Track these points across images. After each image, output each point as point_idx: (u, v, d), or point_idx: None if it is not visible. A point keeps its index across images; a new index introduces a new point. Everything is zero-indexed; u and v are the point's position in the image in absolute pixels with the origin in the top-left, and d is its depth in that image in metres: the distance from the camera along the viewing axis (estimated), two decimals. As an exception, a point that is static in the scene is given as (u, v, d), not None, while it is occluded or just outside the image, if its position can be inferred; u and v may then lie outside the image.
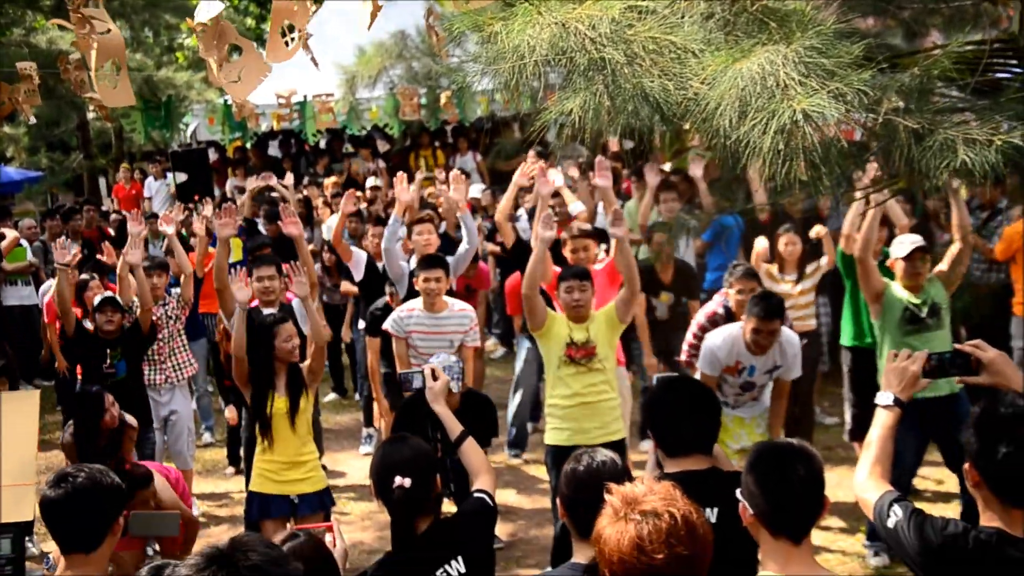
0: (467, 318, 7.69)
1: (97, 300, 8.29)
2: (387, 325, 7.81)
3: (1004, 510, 3.17)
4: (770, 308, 6.69)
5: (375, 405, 8.84)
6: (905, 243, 7.11)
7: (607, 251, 8.40)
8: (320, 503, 6.66)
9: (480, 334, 8.35)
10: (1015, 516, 3.16)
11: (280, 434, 6.54)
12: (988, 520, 3.22)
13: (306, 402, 6.60)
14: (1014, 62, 5.52)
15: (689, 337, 7.85)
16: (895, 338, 6.99)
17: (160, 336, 8.66)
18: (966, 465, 3.25)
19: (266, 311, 7.63)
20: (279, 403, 6.54)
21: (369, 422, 9.78)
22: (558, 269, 8.11)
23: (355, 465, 9.27)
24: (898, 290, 7.13)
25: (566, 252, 8.20)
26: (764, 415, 7.16)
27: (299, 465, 6.60)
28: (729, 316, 7.60)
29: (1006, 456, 3.11)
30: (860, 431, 8.10)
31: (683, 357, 7.92)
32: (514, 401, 9.49)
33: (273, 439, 6.53)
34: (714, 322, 7.62)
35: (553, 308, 7.20)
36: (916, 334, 6.97)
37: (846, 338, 8.44)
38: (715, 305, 7.85)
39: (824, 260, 8.93)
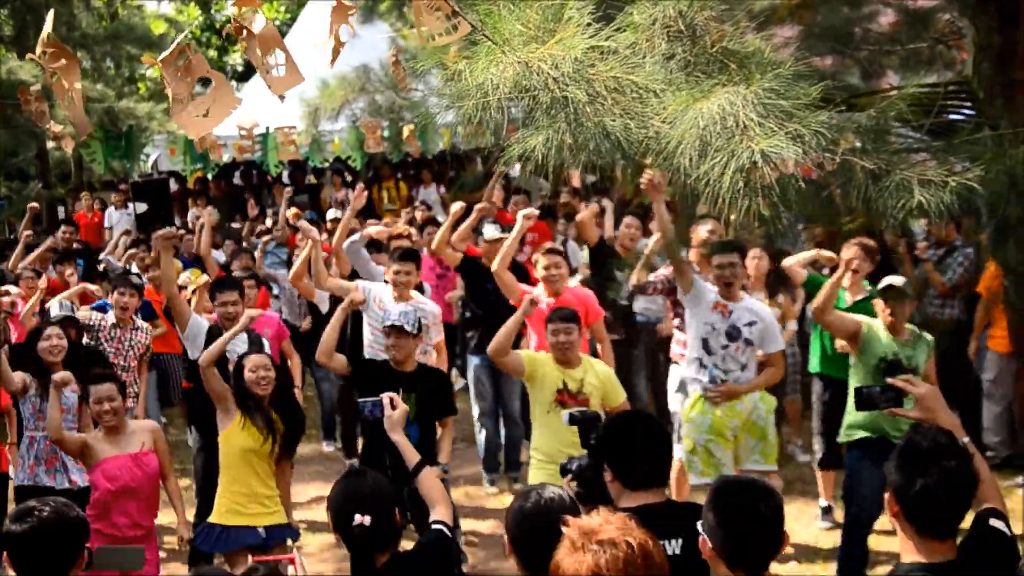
0: (431, 313, 8.00)
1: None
2: (357, 283, 8.05)
3: (922, 541, 3.25)
4: (725, 244, 7.21)
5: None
6: (885, 281, 7.01)
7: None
8: (287, 535, 6.60)
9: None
10: (933, 547, 3.24)
11: (256, 464, 6.46)
12: (907, 552, 3.29)
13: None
14: (967, 105, 5.64)
15: (659, 272, 8.19)
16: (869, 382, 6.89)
17: (127, 364, 8.56)
18: (887, 496, 3.32)
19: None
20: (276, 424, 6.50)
21: (350, 454, 9.77)
22: (527, 288, 8.17)
23: (315, 495, 9.21)
24: (881, 331, 6.89)
25: (537, 272, 8.30)
26: (764, 398, 7.25)
27: (265, 499, 6.52)
28: None
29: (923, 488, 3.17)
30: (829, 461, 8.16)
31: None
32: (482, 432, 9.44)
33: (247, 465, 6.42)
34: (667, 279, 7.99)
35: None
36: None
37: (814, 364, 8.38)
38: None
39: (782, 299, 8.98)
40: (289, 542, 6.51)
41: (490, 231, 9.66)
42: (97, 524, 6.09)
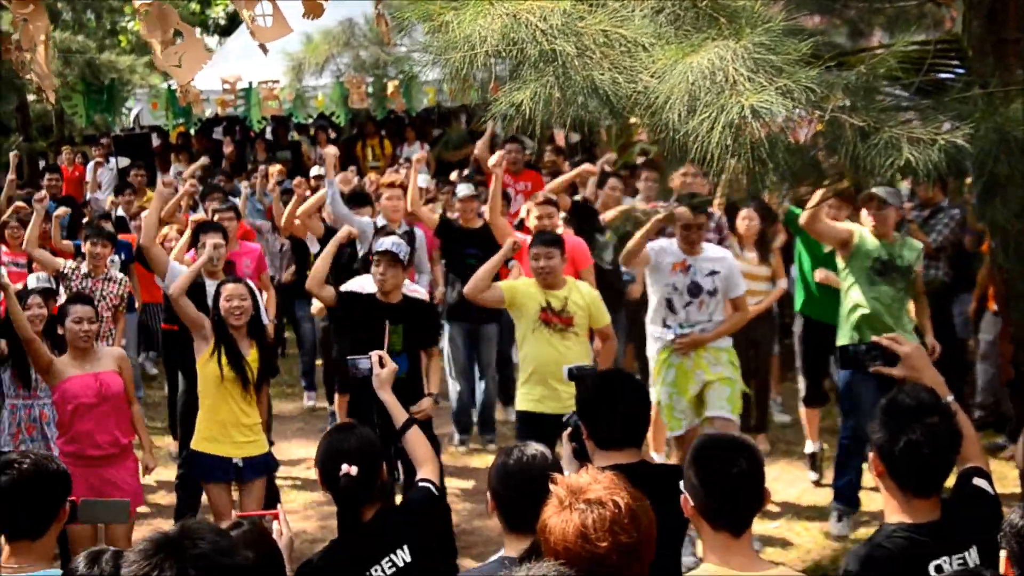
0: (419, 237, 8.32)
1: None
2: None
3: (906, 500, 3.25)
4: (696, 205, 7.24)
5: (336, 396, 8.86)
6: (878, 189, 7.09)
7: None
8: (265, 466, 6.64)
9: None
10: (916, 506, 3.24)
11: (232, 392, 6.47)
12: (891, 512, 3.30)
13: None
14: (956, 63, 5.61)
15: None
16: (863, 286, 6.98)
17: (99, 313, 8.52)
18: (871, 455, 3.32)
19: (210, 282, 7.44)
20: (250, 360, 6.48)
21: (332, 400, 9.74)
22: (524, 238, 8.18)
23: (298, 454, 9.21)
24: (869, 238, 7.06)
25: (530, 222, 8.34)
26: (726, 354, 7.25)
27: (245, 428, 6.53)
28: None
29: (907, 445, 3.18)
30: (814, 398, 8.24)
31: None
32: (455, 388, 9.45)
33: (232, 392, 6.44)
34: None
35: None
36: (885, 284, 6.97)
37: (798, 303, 8.45)
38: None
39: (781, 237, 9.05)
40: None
41: (464, 189, 9.65)
42: (68, 447, 6.28)
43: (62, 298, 7.94)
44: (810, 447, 8.32)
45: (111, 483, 6.31)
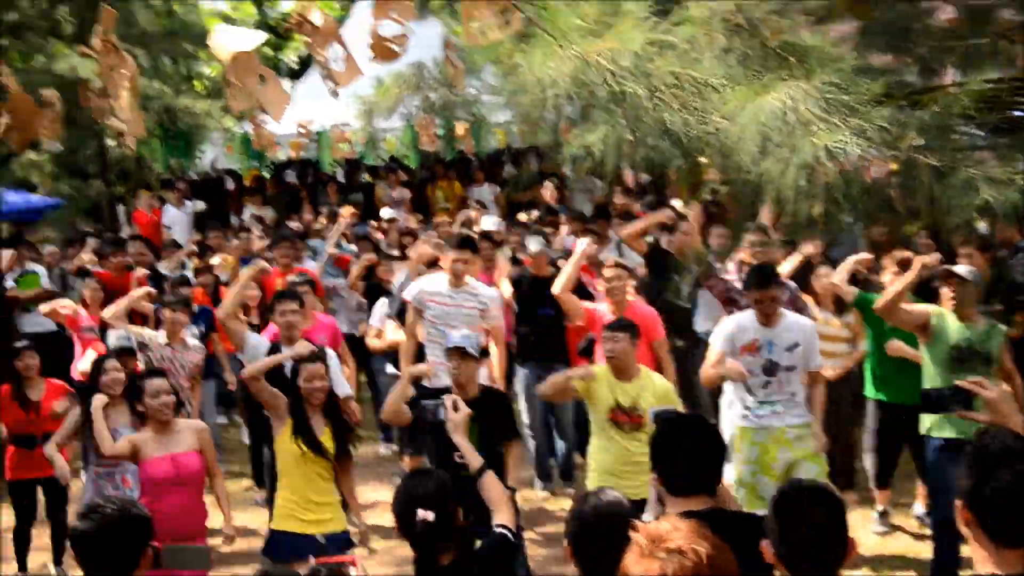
0: (490, 297, 8.06)
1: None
2: (407, 295, 8.17)
3: (996, 551, 3.13)
4: (762, 275, 6.86)
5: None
6: (959, 268, 6.82)
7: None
8: (348, 542, 6.55)
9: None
10: (1007, 557, 3.12)
11: (311, 470, 6.46)
12: (981, 563, 3.18)
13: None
14: (1033, 101, 5.53)
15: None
16: (943, 373, 6.63)
17: (178, 383, 8.53)
18: (958, 503, 3.21)
19: (287, 349, 7.36)
20: (324, 438, 6.44)
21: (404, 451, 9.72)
22: (589, 306, 8.13)
23: (371, 497, 9.21)
24: (950, 320, 6.72)
25: (600, 285, 8.30)
26: (807, 428, 6.89)
27: (324, 506, 6.50)
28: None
29: (994, 492, 3.07)
30: (884, 480, 8.04)
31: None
32: (531, 438, 9.37)
33: (309, 468, 6.43)
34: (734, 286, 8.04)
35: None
36: (967, 371, 6.63)
37: (869, 389, 8.13)
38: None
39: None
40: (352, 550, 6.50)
41: (534, 244, 9.54)
42: None
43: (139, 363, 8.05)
44: (880, 508, 8.14)
45: None
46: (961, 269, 6.77)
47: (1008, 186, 3.73)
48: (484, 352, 6.94)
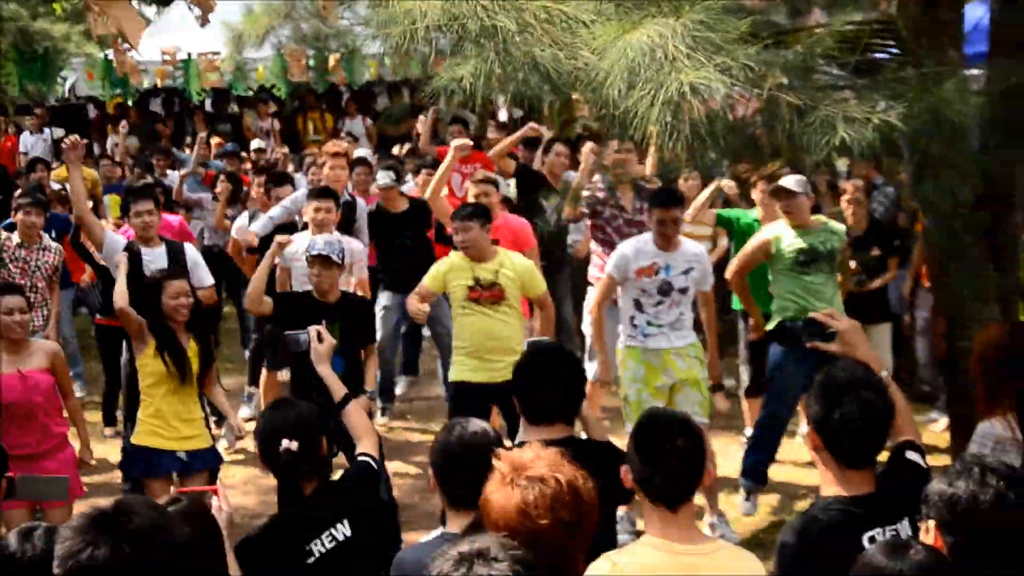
0: (355, 251, 7.89)
1: None
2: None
3: (841, 473, 3.32)
4: (668, 196, 6.93)
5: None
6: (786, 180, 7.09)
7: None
8: (212, 459, 6.55)
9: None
10: (852, 478, 3.31)
11: (174, 388, 6.38)
12: (827, 484, 3.36)
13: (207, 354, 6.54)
14: (892, 43, 5.68)
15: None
16: (789, 282, 7.01)
17: (34, 284, 8.39)
18: (807, 429, 3.39)
19: (146, 250, 7.40)
20: (189, 353, 6.38)
21: (254, 381, 9.62)
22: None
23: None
24: (786, 233, 7.08)
25: (470, 198, 8.29)
26: (694, 348, 7.03)
27: (188, 422, 6.46)
28: (611, 191, 8.08)
29: (842, 418, 3.25)
30: (755, 390, 8.25)
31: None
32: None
33: (174, 388, 6.36)
34: (600, 193, 8.11)
35: None
36: (812, 274, 6.97)
37: (736, 302, 8.37)
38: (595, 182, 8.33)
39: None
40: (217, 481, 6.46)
41: (383, 178, 9.37)
42: None
43: None
44: (749, 432, 8.40)
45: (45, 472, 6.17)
46: (788, 180, 7.02)
47: (865, 125, 3.84)
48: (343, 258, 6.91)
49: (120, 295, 6.49)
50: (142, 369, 6.42)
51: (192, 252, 7.79)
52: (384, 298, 9.23)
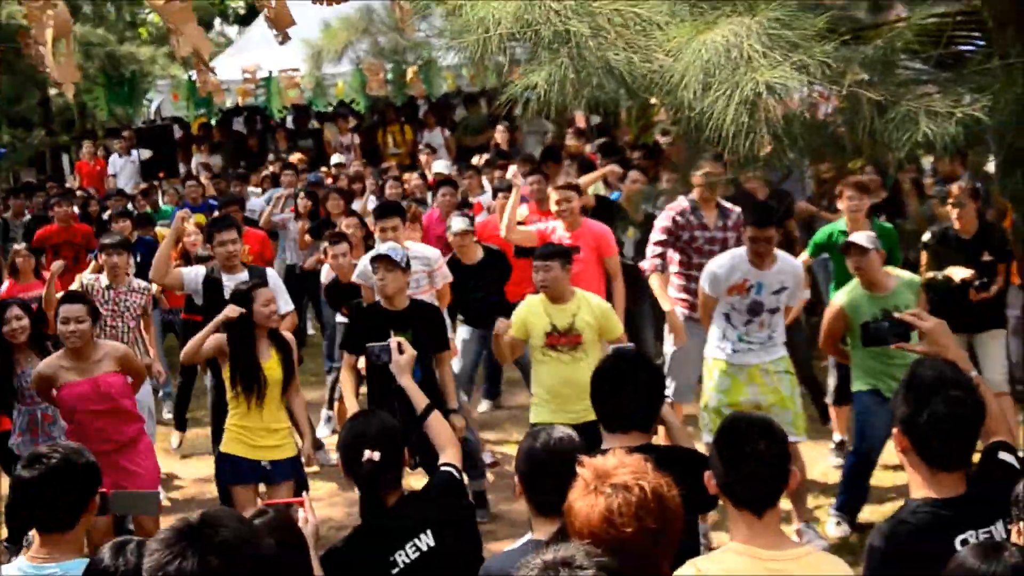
0: (431, 258, 7.88)
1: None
2: (356, 276, 7.96)
3: (931, 475, 3.23)
4: (762, 215, 6.71)
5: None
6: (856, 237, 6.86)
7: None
8: (293, 470, 6.59)
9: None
10: (942, 480, 3.22)
11: (261, 400, 6.45)
12: (917, 487, 3.27)
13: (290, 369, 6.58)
14: (976, 35, 5.55)
15: (653, 239, 7.86)
16: (863, 354, 6.77)
17: (125, 324, 8.51)
18: (894, 431, 3.29)
19: (227, 276, 7.47)
20: (270, 367, 6.43)
21: (332, 404, 9.69)
22: (541, 226, 8.18)
23: (322, 440, 9.22)
24: (860, 298, 6.78)
25: (552, 207, 8.34)
26: (783, 363, 6.86)
27: (273, 432, 6.51)
28: (695, 210, 7.73)
29: (930, 418, 3.15)
30: (842, 396, 8.09)
31: (646, 262, 7.86)
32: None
33: (255, 403, 6.42)
34: (679, 215, 7.74)
35: None
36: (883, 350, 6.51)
37: (832, 294, 8.13)
38: (679, 203, 7.90)
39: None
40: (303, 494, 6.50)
41: (458, 223, 8.91)
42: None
43: None
44: (837, 437, 8.26)
45: (125, 470, 6.33)
46: (859, 237, 6.80)
47: (949, 119, 3.75)
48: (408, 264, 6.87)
49: (192, 349, 6.61)
50: (226, 381, 6.51)
51: (273, 277, 7.81)
52: (464, 331, 9.15)
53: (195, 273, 7.71)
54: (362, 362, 6.52)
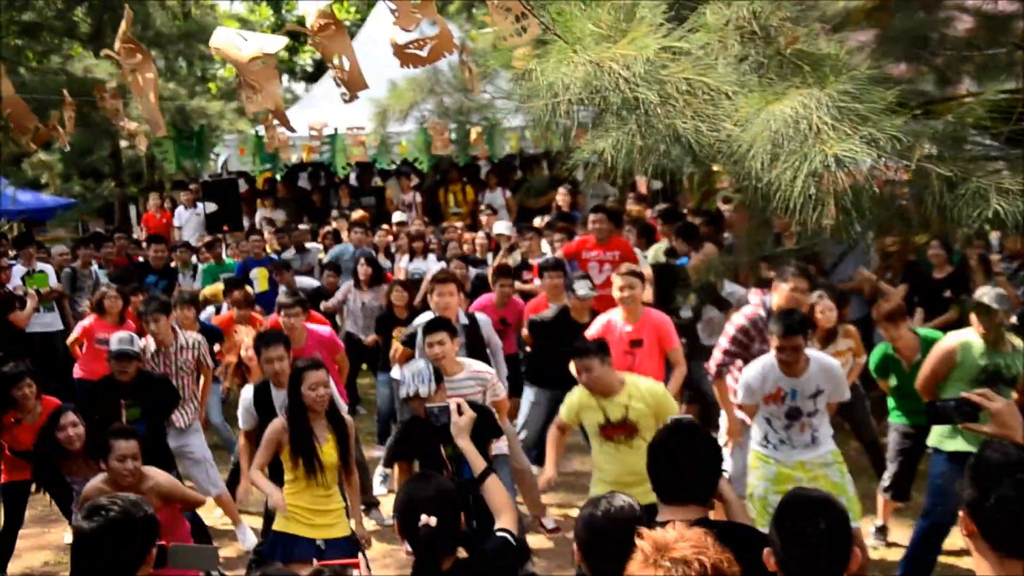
0: (489, 374, 7.43)
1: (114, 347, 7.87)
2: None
3: (998, 561, 3.13)
4: (789, 324, 6.47)
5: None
6: (986, 295, 6.78)
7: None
8: (348, 549, 6.52)
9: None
10: (1010, 567, 3.11)
11: (311, 481, 6.43)
12: (983, 573, 3.18)
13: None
14: (1048, 112, 5.50)
15: (723, 343, 7.51)
16: (964, 389, 6.67)
17: (180, 382, 8.53)
18: (961, 514, 3.21)
19: (276, 391, 7.31)
20: (326, 451, 6.40)
21: (389, 463, 9.63)
22: (604, 317, 8.18)
23: (375, 499, 9.21)
24: (975, 343, 6.74)
25: (614, 293, 8.17)
26: (830, 455, 6.73)
27: (327, 512, 6.49)
28: (770, 317, 7.35)
29: (998, 501, 3.06)
30: (896, 492, 7.93)
31: (711, 364, 7.55)
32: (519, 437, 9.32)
33: (312, 484, 6.41)
34: (754, 324, 7.36)
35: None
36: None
37: (892, 414, 8.01)
38: (754, 306, 7.52)
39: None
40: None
41: (581, 288, 8.92)
42: None
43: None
44: (879, 523, 8.09)
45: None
46: (988, 297, 6.72)
47: (1019, 196, 3.71)
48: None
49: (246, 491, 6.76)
50: (284, 463, 6.49)
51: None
52: (531, 393, 9.10)
53: (243, 395, 7.55)
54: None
